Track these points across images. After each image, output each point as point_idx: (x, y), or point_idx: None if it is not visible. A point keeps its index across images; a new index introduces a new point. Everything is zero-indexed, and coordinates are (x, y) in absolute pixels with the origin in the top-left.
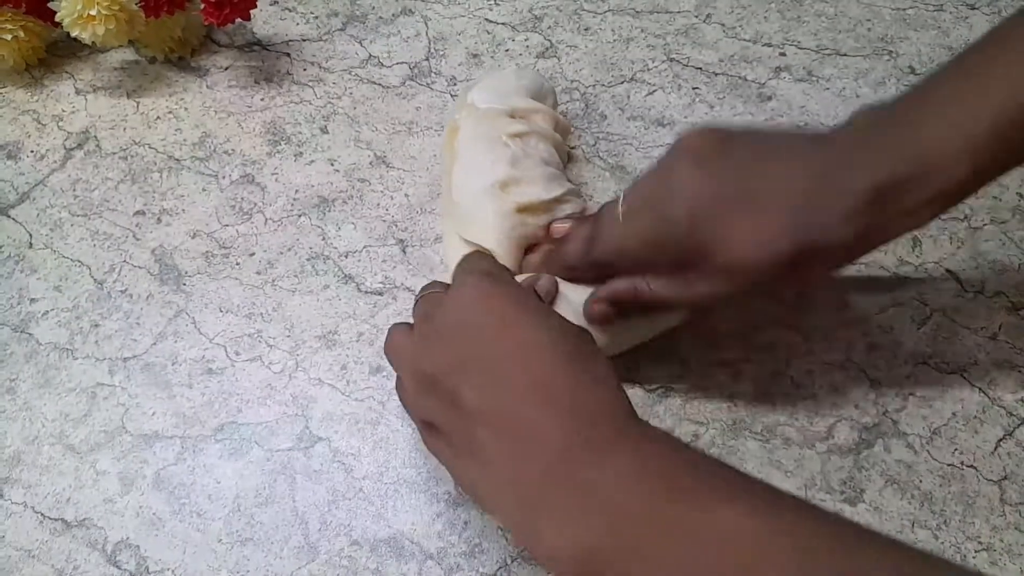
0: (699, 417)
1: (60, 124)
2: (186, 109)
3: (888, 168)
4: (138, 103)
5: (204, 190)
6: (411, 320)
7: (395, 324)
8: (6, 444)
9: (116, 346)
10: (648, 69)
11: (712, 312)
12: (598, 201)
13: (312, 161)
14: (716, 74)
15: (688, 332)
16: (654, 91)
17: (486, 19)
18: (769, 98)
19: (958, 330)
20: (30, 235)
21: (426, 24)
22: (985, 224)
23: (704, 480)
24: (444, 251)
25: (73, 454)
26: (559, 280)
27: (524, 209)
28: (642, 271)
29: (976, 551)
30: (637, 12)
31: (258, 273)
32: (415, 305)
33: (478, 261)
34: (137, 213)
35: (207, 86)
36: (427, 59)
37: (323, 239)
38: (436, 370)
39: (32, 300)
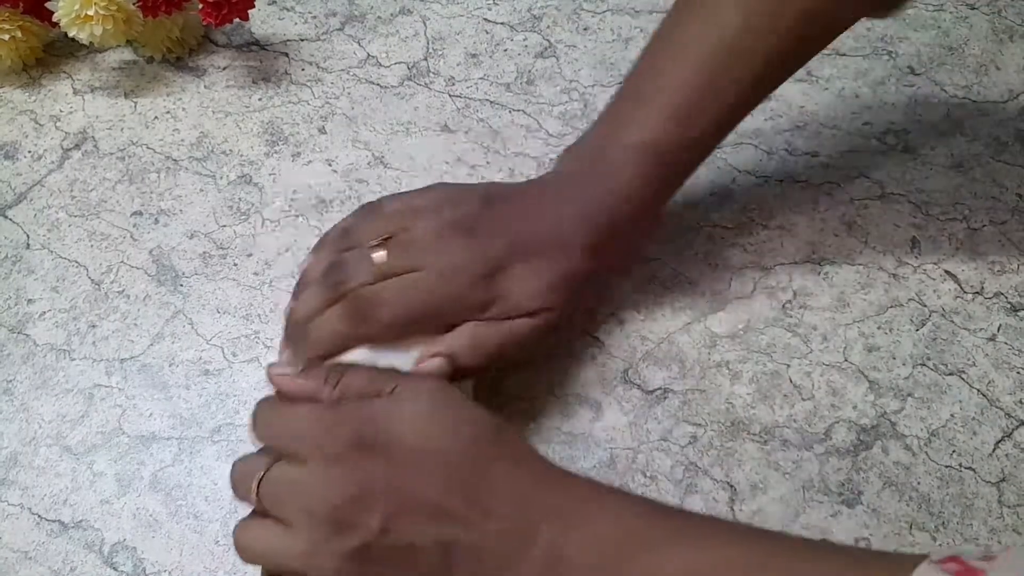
0: (697, 419)
1: (58, 124)
2: (184, 109)
3: (591, 199)
4: (136, 103)
5: (202, 191)
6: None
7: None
8: (3, 445)
9: (113, 347)
10: None
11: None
12: None
13: (310, 161)
14: None
15: (686, 334)
16: None
17: (485, 19)
18: (769, 98)
19: (957, 331)
20: (27, 235)
21: (424, 24)
22: (984, 225)
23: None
24: None
25: (70, 455)
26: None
27: None
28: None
29: None
30: (636, 12)
31: (256, 274)
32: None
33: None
34: (135, 213)
35: (205, 86)
36: (425, 59)
37: None
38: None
39: (29, 301)
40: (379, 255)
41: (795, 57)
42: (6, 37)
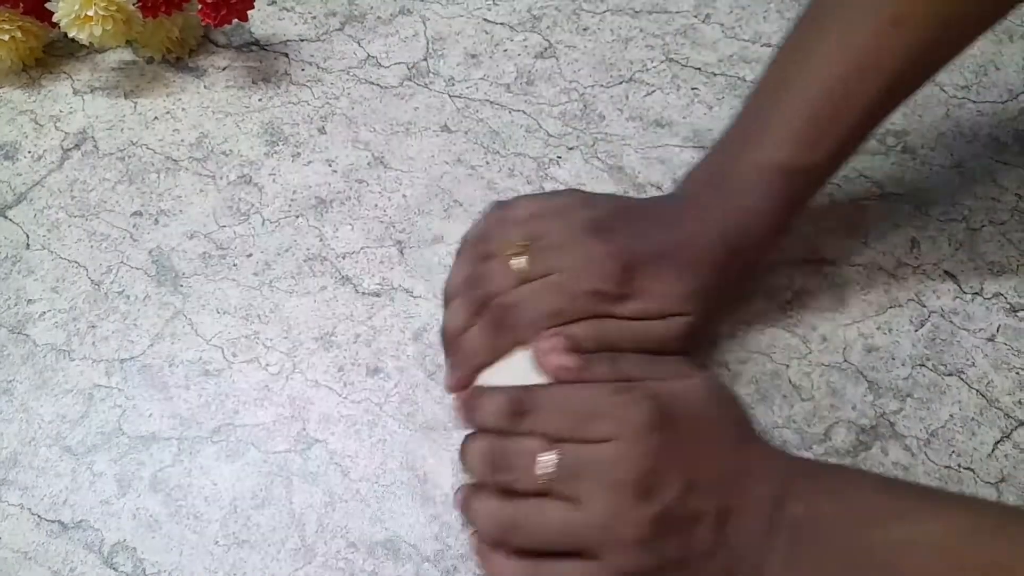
0: None
1: (57, 125)
2: (184, 109)
3: (723, 217)
4: (136, 103)
5: (202, 191)
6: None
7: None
8: (3, 446)
9: (113, 347)
10: (647, 69)
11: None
12: None
13: (310, 162)
14: (715, 74)
15: None
16: (653, 91)
17: (484, 19)
18: None
19: (956, 332)
20: (27, 236)
21: (424, 24)
22: (984, 225)
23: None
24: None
25: (70, 456)
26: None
27: None
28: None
29: None
30: (636, 12)
31: (255, 274)
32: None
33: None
34: (134, 214)
35: (205, 86)
36: (425, 59)
37: (321, 240)
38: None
39: (29, 301)
40: (518, 264)
41: (924, 67)
42: (6, 37)
